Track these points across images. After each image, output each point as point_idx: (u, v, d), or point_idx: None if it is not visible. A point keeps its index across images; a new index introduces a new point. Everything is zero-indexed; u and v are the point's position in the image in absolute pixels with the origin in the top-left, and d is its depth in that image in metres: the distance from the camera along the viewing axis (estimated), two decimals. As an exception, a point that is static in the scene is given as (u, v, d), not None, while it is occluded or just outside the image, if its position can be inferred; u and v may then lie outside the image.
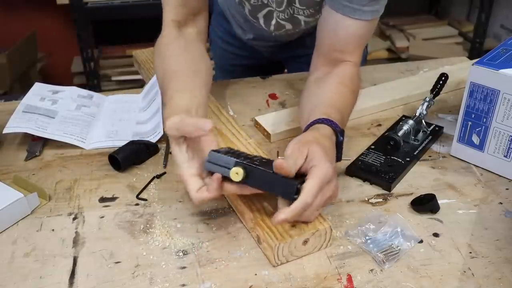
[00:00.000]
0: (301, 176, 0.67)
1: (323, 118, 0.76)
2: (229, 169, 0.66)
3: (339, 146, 0.76)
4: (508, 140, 0.82)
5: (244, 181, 0.66)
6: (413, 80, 1.14)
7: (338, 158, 0.77)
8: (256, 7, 0.99)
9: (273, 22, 1.02)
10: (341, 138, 0.76)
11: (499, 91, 0.80)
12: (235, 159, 0.67)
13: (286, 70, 1.34)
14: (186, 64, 0.85)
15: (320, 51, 0.91)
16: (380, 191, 0.82)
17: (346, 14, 0.83)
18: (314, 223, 0.69)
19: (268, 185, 0.67)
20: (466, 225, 0.75)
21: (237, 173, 0.66)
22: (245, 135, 0.90)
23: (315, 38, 0.91)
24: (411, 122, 0.91)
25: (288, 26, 1.02)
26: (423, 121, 0.94)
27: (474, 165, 0.88)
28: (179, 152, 0.70)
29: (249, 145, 0.87)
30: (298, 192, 0.65)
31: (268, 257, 0.68)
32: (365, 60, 1.29)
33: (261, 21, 1.03)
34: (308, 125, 0.77)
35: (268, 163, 0.69)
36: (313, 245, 0.69)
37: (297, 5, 0.95)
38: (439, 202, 0.77)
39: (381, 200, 0.80)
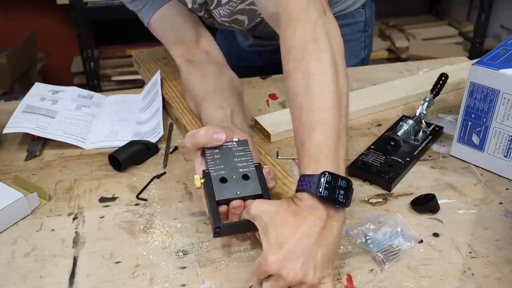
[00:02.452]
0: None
1: (302, 179, 0.61)
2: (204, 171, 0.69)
3: (325, 199, 0.60)
4: (508, 140, 0.82)
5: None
6: (413, 80, 1.14)
7: (340, 203, 0.62)
8: (196, 9, 0.96)
9: (220, 14, 0.97)
10: (321, 192, 0.59)
11: (499, 91, 0.80)
12: (203, 170, 0.68)
13: None
14: (208, 88, 0.89)
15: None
16: (380, 191, 0.82)
17: None
18: None
19: (208, 205, 0.67)
20: (466, 225, 0.75)
21: (195, 183, 0.68)
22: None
23: None
24: (411, 122, 0.91)
25: (241, 17, 0.98)
26: (423, 121, 0.94)
27: (474, 165, 0.88)
28: (198, 165, 0.71)
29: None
30: (219, 235, 0.66)
31: None
32: (368, 60, 1.29)
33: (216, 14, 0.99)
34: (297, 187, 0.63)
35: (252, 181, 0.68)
36: None
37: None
38: (439, 202, 0.77)
39: (381, 200, 0.80)
